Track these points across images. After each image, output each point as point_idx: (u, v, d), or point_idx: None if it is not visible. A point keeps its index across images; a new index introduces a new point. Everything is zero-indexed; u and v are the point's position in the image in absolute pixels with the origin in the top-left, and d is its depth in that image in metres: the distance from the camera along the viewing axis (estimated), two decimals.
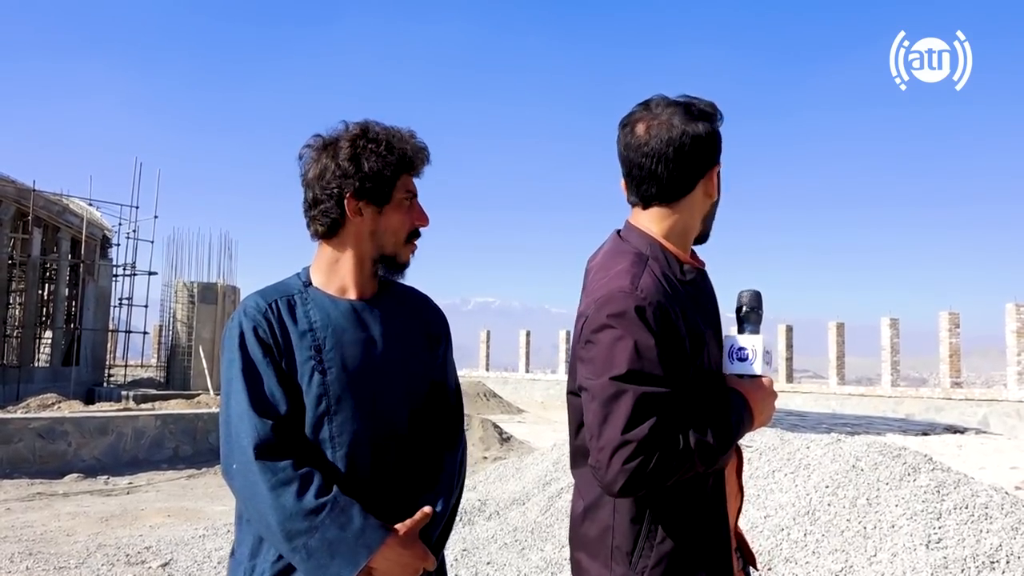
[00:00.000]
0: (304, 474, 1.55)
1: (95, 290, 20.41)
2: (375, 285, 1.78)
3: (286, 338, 1.64)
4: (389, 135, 1.72)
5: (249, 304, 1.68)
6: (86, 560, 5.81)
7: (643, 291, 1.50)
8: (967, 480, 4.78)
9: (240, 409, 1.58)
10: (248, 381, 1.60)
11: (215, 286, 19.34)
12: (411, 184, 1.75)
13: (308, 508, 1.51)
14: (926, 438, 17.56)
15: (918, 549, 4.05)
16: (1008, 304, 22.54)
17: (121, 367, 22.39)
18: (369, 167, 1.67)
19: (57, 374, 18.85)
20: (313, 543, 1.51)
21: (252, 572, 1.62)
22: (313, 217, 1.73)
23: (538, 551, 5.78)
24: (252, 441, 1.55)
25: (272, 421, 1.58)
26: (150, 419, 11.77)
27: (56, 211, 19.71)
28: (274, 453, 1.55)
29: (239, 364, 1.61)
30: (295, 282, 1.74)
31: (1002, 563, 3.93)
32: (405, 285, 1.87)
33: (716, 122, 1.64)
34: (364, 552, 1.52)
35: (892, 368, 25.73)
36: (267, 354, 1.62)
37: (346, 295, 1.73)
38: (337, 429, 1.63)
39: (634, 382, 1.43)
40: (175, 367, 18.99)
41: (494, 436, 14.30)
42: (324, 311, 1.69)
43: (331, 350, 1.65)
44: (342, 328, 1.68)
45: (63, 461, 10.39)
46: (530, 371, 36.13)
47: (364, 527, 1.54)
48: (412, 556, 1.59)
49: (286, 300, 1.69)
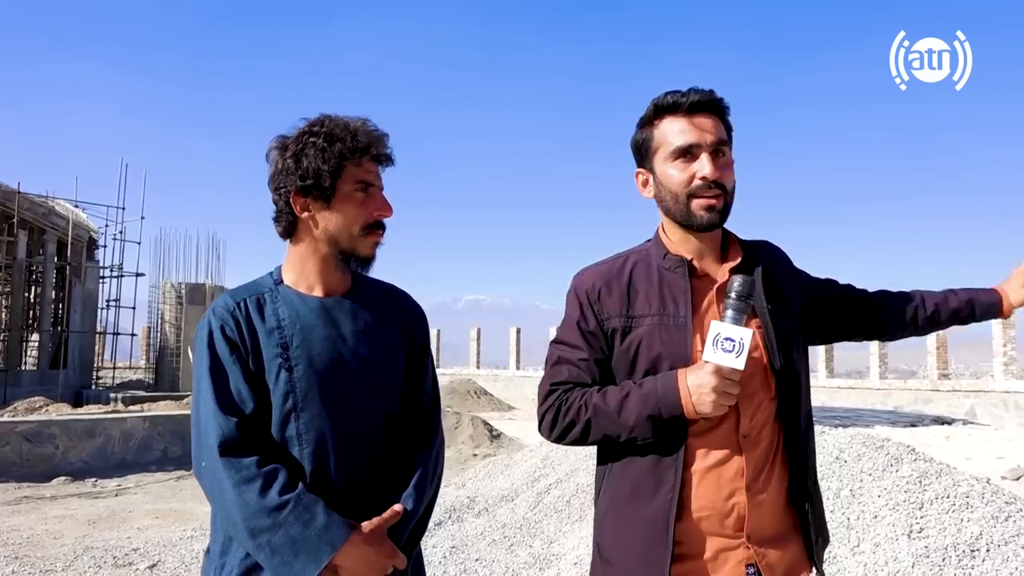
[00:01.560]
0: (269, 471, 1.54)
1: (82, 292, 20.31)
2: (347, 282, 1.77)
3: (253, 336, 1.64)
4: (334, 127, 1.66)
5: (218, 304, 1.68)
6: (73, 563, 5.79)
7: (584, 275, 1.78)
8: (949, 470, 4.82)
9: (207, 407, 1.59)
10: (215, 379, 1.60)
11: (203, 287, 19.29)
12: (364, 174, 1.68)
13: (272, 505, 1.51)
14: (914, 429, 17.68)
15: (900, 539, 4.09)
16: None
17: (109, 369, 22.31)
18: (307, 163, 1.64)
19: (45, 377, 18.76)
20: (277, 540, 1.50)
21: (222, 570, 1.62)
22: (274, 219, 1.74)
23: (527, 547, 5.79)
24: (217, 439, 1.55)
25: (237, 419, 1.57)
26: (138, 421, 11.74)
27: (42, 213, 19.61)
28: (239, 450, 1.55)
29: (207, 363, 1.61)
30: (266, 281, 1.74)
31: (982, 551, 3.97)
32: (381, 282, 1.86)
33: (648, 126, 1.72)
34: (327, 549, 1.51)
35: (880, 361, 25.88)
36: (234, 352, 1.62)
37: (315, 292, 1.72)
38: (304, 426, 1.62)
39: (555, 343, 1.78)
40: (164, 368, 18.95)
41: (484, 433, 14.32)
42: (293, 308, 1.68)
43: (298, 347, 1.64)
44: (310, 325, 1.67)
45: (50, 464, 10.35)
46: (521, 368, 36.15)
47: (328, 524, 1.53)
48: (378, 554, 1.57)
49: (255, 299, 1.69)
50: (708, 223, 1.66)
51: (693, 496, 1.65)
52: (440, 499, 7.92)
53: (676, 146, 1.66)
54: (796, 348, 1.72)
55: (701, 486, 1.64)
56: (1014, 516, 4.24)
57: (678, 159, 1.67)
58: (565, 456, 7.72)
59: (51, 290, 20.49)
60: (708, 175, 1.64)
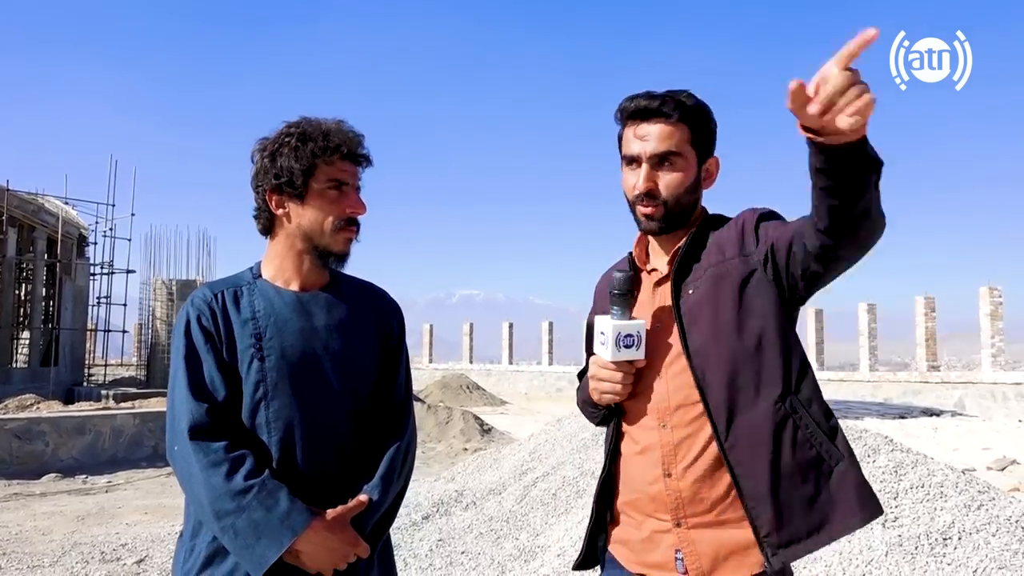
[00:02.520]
0: (236, 456, 1.60)
1: (72, 289, 20.28)
2: (324, 277, 1.82)
3: (228, 326, 1.71)
4: (308, 127, 1.73)
5: (196, 295, 1.76)
6: (60, 559, 5.83)
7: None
8: (924, 460, 4.89)
9: (180, 393, 1.65)
10: (189, 367, 1.67)
11: (194, 283, 19.27)
12: (337, 172, 1.74)
13: (236, 489, 1.57)
14: (903, 421, 17.81)
15: (875, 528, 4.15)
16: (982, 288, 22.85)
17: (101, 366, 22.29)
18: (281, 162, 1.71)
19: (36, 374, 18.73)
20: (240, 523, 1.56)
21: (191, 552, 1.68)
22: (254, 216, 1.81)
23: (513, 540, 5.85)
24: (188, 423, 1.62)
25: (208, 405, 1.64)
26: (128, 418, 11.75)
27: (31, 210, 19.55)
28: (208, 435, 1.61)
29: (183, 351, 1.68)
30: (246, 275, 1.81)
31: (954, 539, 4.03)
32: (360, 279, 1.92)
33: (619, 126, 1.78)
34: (288, 534, 1.56)
35: (870, 353, 26.03)
36: (208, 341, 1.69)
37: (292, 287, 1.78)
38: (273, 415, 1.68)
39: None
40: (155, 365, 18.93)
41: (475, 428, 14.37)
42: (268, 301, 1.75)
43: (271, 338, 1.70)
44: (284, 318, 1.73)
45: (41, 462, 10.36)
46: (514, 363, 36.22)
47: (290, 510, 1.58)
48: (339, 541, 1.62)
49: (232, 291, 1.75)
50: (647, 230, 1.74)
51: (623, 480, 1.74)
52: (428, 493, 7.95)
53: (625, 153, 1.74)
54: (721, 318, 1.63)
55: (629, 469, 1.72)
56: (986, 505, 4.31)
57: (627, 166, 1.74)
58: (553, 450, 7.78)
59: (41, 287, 20.45)
60: (638, 188, 1.69)
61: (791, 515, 1.55)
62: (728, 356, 1.60)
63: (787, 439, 1.57)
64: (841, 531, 1.57)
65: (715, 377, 1.61)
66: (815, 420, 1.59)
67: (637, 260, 1.82)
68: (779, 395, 1.59)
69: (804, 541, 1.55)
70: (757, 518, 1.55)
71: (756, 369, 1.60)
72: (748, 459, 1.57)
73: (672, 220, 1.71)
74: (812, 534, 1.55)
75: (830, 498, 1.56)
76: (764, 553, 1.54)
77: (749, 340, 1.61)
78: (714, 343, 1.62)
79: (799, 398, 1.59)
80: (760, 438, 1.57)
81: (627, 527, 1.73)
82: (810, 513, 1.55)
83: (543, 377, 32.03)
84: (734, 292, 1.63)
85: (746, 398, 1.59)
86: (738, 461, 1.57)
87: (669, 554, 1.63)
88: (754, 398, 1.59)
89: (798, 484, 1.56)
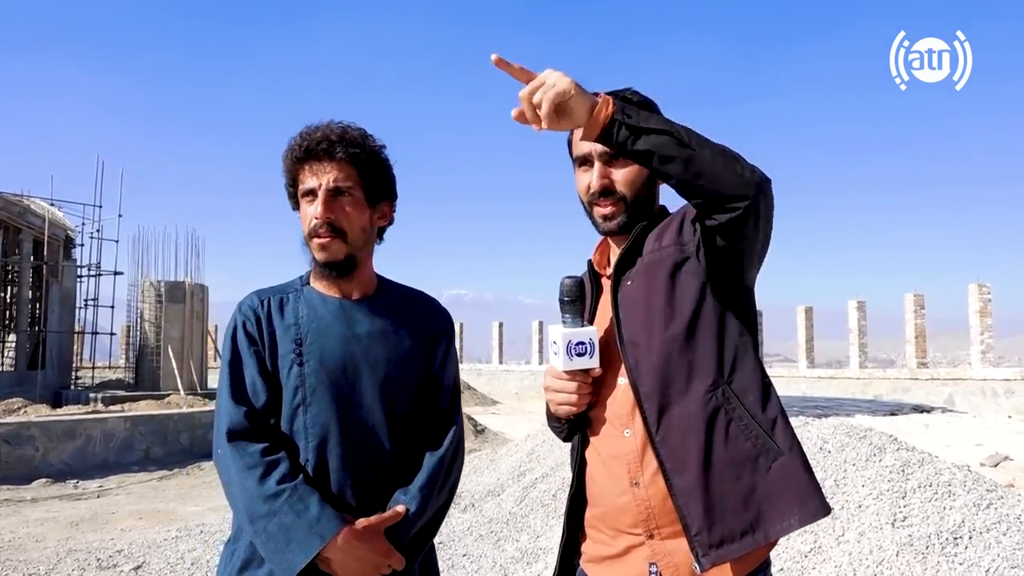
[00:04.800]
0: (271, 460, 1.60)
1: (59, 291, 20.05)
2: (372, 285, 1.83)
3: (272, 332, 1.73)
4: (295, 136, 1.75)
5: (244, 301, 1.78)
6: (56, 566, 5.73)
7: None
8: (931, 459, 4.88)
9: (223, 397, 1.68)
10: (232, 372, 1.69)
11: (183, 284, 19.09)
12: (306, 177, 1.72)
13: (269, 492, 1.57)
14: (894, 418, 17.88)
15: (884, 528, 4.14)
16: (971, 284, 22.98)
17: (88, 369, 22.04)
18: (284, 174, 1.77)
19: (22, 378, 18.49)
20: (272, 527, 1.56)
21: (232, 555, 1.70)
22: None
23: (513, 542, 5.80)
24: (227, 427, 1.64)
25: (246, 408, 1.66)
26: (119, 421, 11.62)
27: (17, 212, 19.31)
28: (246, 439, 1.62)
29: (228, 355, 1.72)
30: (296, 282, 1.83)
31: (964, 539, 4.02)
32: (408, 287, 1.92)
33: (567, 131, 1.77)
34: (317, 541, 1.55)
35: (860, 350, 26.15)
36: (252, 346, 1.71)
37: (336, 294, 1.79)
38: (311, 420, 1.68)
39: None
40: (144, 368, 18.73)
41: (469, 428, 14.33)
42: (312, 308, 1.76)
43: (312, 344, 1.71)
44: (326, 324, 1.74)
45: (30, 467, 10.23)
46: (504, 362, 36.18)
47: (320, 516, 1.57)
48: (370, 551, 1.59)
49: (279, 298, 1.77)
50: (607, 231, 1.70)
51: (590, 493, 1.66)
52: None
53: (576, 154, 1.71)
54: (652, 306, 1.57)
55: (596, 482, 1.65)
56: (995, 503, 4.30)
57: (580, 166, 1.71)
58: (551, 450, 7.74)
59: (28, 290, 20.22)
60: (593, 186, 1.67)
61: (723, 513, 1.45)
62: (659, 345, 1.53)
63: (719, 432, 1.48)
64: (778, 531, 1.46)
65: (646, 367, 1.54)
66: (750, 412, 1.49)
67: (597, 266, 1.78)
68: (710, 384, 1.50)
69: (738, 541, 1.45)
70: (687, 516, 1.46)
71: (689, 358, 1.52)
72: (678, 453, 1.48)
73: (632, 216, 1.67)
74: (746, 534, 1.45)
75: (767, 495, 1.46)
76: (694, 553, 1.45)
77: (680, 327, 1.53)
78: (644, 332, 1.55)
79: (732, 388, 1.51)
80: (691, 431, 1.48)
81: (599, 544, 1.64)
82: (744, 511, 1.46)
83: (534, 377, 31.99)
84: (666, 279, 1.56)
85: (678, 388, 1.51)
86: (668, 455, 1.49)
87: (643, 568, 1.54)
88: (685, 388, 1.51)
89: (731, 480, 1.47)
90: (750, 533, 1.45)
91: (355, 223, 1.72)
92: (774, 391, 1.57)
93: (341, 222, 1.70)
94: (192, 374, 18.21)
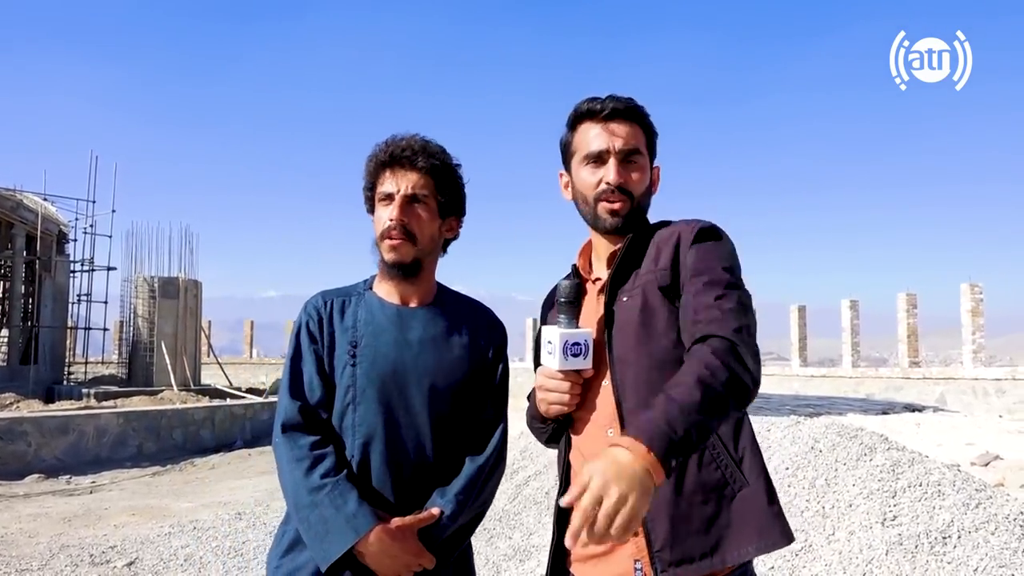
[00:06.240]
0: (319, 454, 1.71)
1: (52, 287, 19.99)
2: (431, 294, 1.91)
3: (331, 333, 1.83)
4: (379, 143, 1.85)
5: (310, 301, 1.89)
6: (49, 562, 5.73)
7: None
8: (921, 458, 4.91)
9: (282, 391, 1.81)
10: (292, 368, 1.82)
11: (176, 280, 19.07)
12: (385, 182, 1.83)
13: (313, 485, 1.68)
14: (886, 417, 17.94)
15: (874, 527, 4.17)
16: (963, 284, 23.08)
17: (81, 364, 21.96)
18: (365, 177, 1.87)
19: (15, 373, 18.44)
20: (313, 517, 1.66)
21: (282, 537, 1.80)
22: None
23: (506, 539, 5.82)
24: (283, 419, 1.77)
25: (301, 403, 1.77)
26: (112, 417, 11.61)
27: (9, 207, 19.23)
28: (299, 431, 1.75)
29: (291, 352, 1.84)
30: (360, 285, 1.93)
31: (953, 538, 4.05)
32: (466, 296, 1.99)
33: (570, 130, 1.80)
34: (352, 534, 1.63)
35: (852, 349, 26.24)
36: (313, 344, 1.82)
37: (395, 300, 1.87)
38: (359, 419, 1.76)
39: None
40: (137, 363, 18.70)
41: None
42: (371, 312, 1.85)
43: (366, 347, 1.81)
44: (381, 328, 1.83)
45: (23, 462, 10.22)
46: None
47: (357, 512, 1.65)
48: (401, 550, 1.67)
49: (341, 300, 1.88)
50: (611, 227, 1.73)
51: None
52: None
53: (588, 151, 1.74)
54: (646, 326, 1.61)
55: None
56: (984, 503, 4.33)
57: (590, 164, 1.74)
58: (544, 448, 7.75)
59: (21, 285, 20.13)
60: (611, 180, 1.70)
61: (687, 534, 1.52)
62: (646, 364, 1.59)
63: (692, 458, 1.54)
64: (735, 557, 1.52)
65: (632, 385, 1.59)
66: (723, 441, 1.56)
67: (581, 270, 1.82)
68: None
69: (696, 563, 1.51)
70: (652, 531, 1.52)
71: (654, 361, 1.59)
72: None
73: (634, 219, 1.72)
74: (705, 556, 1.51)
75: (728, 522, 1.53)
76: (654, 568, 1.52)
77: (667, 351, 1.58)
78: (634, 352, 1.61)
79: None
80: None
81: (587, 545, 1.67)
82: (705, 536, 1.52)
83: (527, 374, 31.92)
84: (659, 301, 1.62)
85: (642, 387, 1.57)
86: None
87: (628, 564, 1.59)
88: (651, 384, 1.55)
89: (698, 504, 1.53)
90: (708, 557, 1.52)
91: (426, 229, 1.82)
92: (747, 422, 1.63)
93: (413, 226, 1.81)
94: (185, 370, 18.20)
